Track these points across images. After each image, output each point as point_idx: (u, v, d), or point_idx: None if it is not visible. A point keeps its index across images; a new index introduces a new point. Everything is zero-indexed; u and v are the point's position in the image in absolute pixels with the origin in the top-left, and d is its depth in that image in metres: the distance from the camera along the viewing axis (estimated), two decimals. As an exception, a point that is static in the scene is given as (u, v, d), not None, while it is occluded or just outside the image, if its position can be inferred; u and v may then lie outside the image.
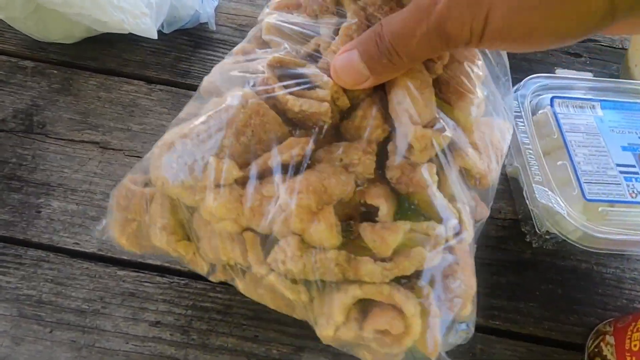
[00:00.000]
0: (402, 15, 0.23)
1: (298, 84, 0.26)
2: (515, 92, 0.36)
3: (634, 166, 0.34)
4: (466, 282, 0.28)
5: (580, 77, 0.38)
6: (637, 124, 0.37)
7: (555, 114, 0.36)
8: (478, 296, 0.37)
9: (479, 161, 0.29)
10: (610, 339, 0.32)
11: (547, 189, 0.31)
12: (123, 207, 0.28)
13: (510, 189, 0.43)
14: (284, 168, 0.25)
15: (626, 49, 0.53)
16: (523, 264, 0.39)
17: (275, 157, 0.25)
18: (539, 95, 0.36)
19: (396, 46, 0.24)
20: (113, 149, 0.41)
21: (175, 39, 0.48)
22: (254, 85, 0.26)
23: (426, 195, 0.27)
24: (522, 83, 0.37)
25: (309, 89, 0.26)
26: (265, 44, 0.30)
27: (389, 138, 0.28)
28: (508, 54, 0.35)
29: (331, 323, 0.27)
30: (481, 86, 0.29)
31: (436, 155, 0.27)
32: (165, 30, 0.47)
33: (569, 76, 0.38)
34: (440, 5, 0.22)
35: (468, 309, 0.28)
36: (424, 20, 0.22)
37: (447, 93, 0.28)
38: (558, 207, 0.30)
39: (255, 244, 0.26)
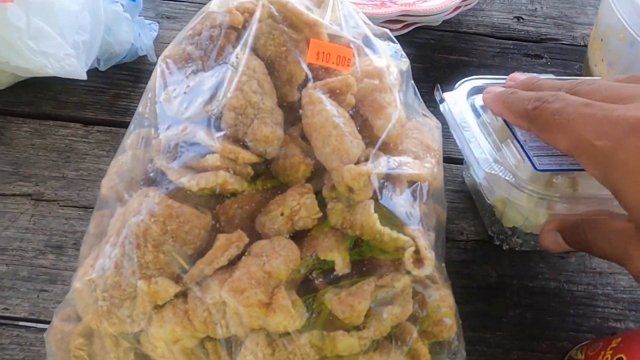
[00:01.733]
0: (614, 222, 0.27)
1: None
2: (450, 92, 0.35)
3: None
4: (447, 304, 0.26)
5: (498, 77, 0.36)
6: None
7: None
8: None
9: (423, 169, 0.27)
10: None
11: (493, 164, 0.30)
12: (62, 349, 0.26)
13: (472, 207, 0.40)
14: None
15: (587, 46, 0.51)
16: (489, 289, 0.37)
17: (211, 266, 0.23)
18: (476, 96, 0.35)
19: (591, 243, 0.27)
20: (47, 200, 0.38)
21: (114, 75, 0.46)
22: (153, 183, 0.24)
23: (374, 234, 0.25)
24: (456, 86, 0.35)
25: (203, 156, 0.24)
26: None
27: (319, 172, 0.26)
28: (458, 62, 0.34)
29: None
30: (395, 93, 0.27)
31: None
32: (102, 67, 0.45)
33: (499, 77, 0.36)
34: None
35: (454, 329, 0.27)
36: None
37: (364, 112, 0.26)
38: (507, 176, 0.29)
39: (219, 352, 0.24)
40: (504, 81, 0.35)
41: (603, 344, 0.30)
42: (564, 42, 0.54)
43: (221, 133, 0.24)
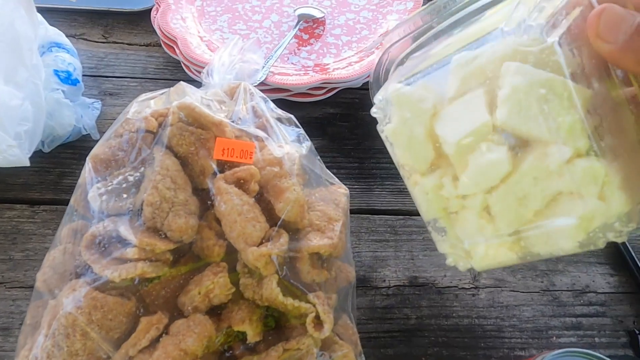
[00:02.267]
0: None
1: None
2: None
3: None
4: (346, 357, 0.30)
5: None
6: None
7: None
8: (367, 373, 0.38)
9: (324, 241, 0.31)
10: None
11: None
12: None
13: (393, 254, 0.45)
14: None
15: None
16: (409, 331, 0.41)
17: (134, 347, 0.27)
18: None
19: None
20: (-6, 284, 0.41)
21: (59, 154, 0.49)
22: (81, 276, 0.28)
23: (279, 305, 0.29)
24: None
25: (124, 249, 0.27)
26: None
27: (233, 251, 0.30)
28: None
29: None
30: (292, 177, 0.31)
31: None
32: (46, 149, 0.48)
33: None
34: None
35: None
36: None
37: (267, 196, 0.31)
38: None
39: None
40: None
41: None
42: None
43: (140, 227, 0.28)
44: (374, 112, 0.29)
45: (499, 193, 0.26)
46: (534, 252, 0.27)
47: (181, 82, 0.34)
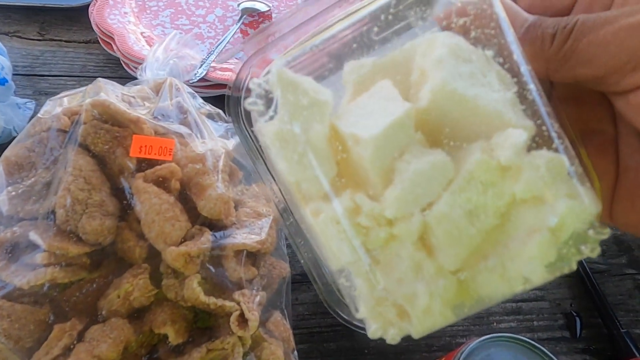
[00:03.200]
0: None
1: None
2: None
3: None
4: (274, 355, 0.30)
5: None
6: None
7: None
8: (309, 368, 0.38)
9: (250, 237, 0.30)
10: None
11: None
12: None
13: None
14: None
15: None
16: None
17: (47, 356, 0.25)
18: None
19: (579, 26, 0.17)
20: None
21: (-12, 157, 0.47)
22: None
23: (201, 304, 0.28)
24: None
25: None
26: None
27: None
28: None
29: None
30: (215, 174, 0.30)
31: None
32: (-27, 153, 0.45)
33: None
34: None
35: None
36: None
37: (190, 193, 0.30)
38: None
39: None
40: None
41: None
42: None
43: (51, 231, 0.27)
44: (250, 103, 0.20)
45: (439, 210, 0.19)
46: (488, 295, 0.21)
47: (99, 79, 0.33)
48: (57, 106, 0.30)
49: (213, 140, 0.32)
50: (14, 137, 0.47)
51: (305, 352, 0.39)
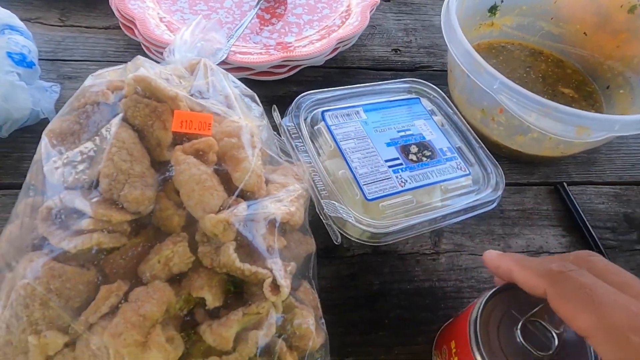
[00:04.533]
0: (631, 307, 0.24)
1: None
2: (288, 114, 0.40)
3: (398, 158, 0.39)
4: (306, 320, 0.31)
5: (341, 87, 0.42)
6: (393, 120, 0.42)
7: (328, 126, 0.39)
8: (334, 338, 0.40)
9: (278, 209, 0.32)
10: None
11: (334, 202, 0.34)
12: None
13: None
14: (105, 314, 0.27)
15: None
16: (373, 296, 0.43)
17: (94, 315, 0.27)
18: (311, 112, 0.40)
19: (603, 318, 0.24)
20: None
21: (17, 138, 0.48)
22: (38, 248, 0.28)
23: (236, 271, 0.29)
24: (292, 105, 0.40)
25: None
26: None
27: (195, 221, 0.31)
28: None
29: None
30: (249, 149, 0.32)
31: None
32: (4, 134, 0.47)
33: (333, 88, 0.42)
34: None
35: (316, 342, 0.31)
36: None
37: (225, 166, 0.31)
38: (346, 216, 0.34)
39: None
40: (338, 93, 0.40)
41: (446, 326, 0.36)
42: (435, 69, 0.62)
43: (95, 198, 0.28)
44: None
45: None
46: None
47: (139, 57, 0.34)
48: (100, 80, 0.32)
49: (248, 118, 0.34)
50: (42, 119, 0.49)
51: (330, 323, 0.40)
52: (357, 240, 0.42)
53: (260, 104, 0.37)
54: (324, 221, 0.35)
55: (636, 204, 0.52)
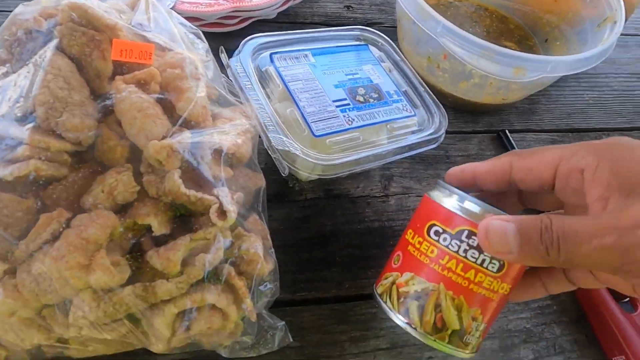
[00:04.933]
0: (585, 220, 0.23)
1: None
2: (236, 55, 0.40)
3: (345, 99, 0.41)
4: (253, 245, 0.31)
5: (290, 32, 0.43)
6: (341, 65, 0.44)
7: (276, 68, 0.40)
8: (286, 275, 0.41)
9: (224, 140, 0.32)
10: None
11: (281, 136, 0.35)
12: None
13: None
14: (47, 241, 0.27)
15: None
16: (325, 236, 0.44)
17: (34, 242, 0.26)
18: (260, 54, 0.41)
19: (562, 242, 0.23)
20: None
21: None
22: None
23: (182, 197, 0.29)
24: (240, 47, 0.41)
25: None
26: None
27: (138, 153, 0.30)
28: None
29: (161, 339, 0.29)
30: (193, 80, 0.32)
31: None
32: None
33: (281, 32, 0.43)
34: None
35: (265, 267, 0.32)
36: (613, 234, 0.22)
37: (168, 97, 0.31)
38: (293, 149, 0.35)
39: (54, 316, 0.28)
40: (287, 37, 0.41)
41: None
42: (386, 25, 0.63)
43: (30, 125, 0.28)
44: None
45: None
46: None
47: (72, -13, 0.33)
48: (30, 8, 0.30)
49: (192, 51, 0.33)
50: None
51: (282, 262, 0.41)
52: (308, 176, 0.43)
53: (206, 41, 0.37)
54: (271, 155, 0.35)
55: (570, 149, 0.56)
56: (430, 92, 0.45)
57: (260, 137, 0.37)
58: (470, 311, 0.29)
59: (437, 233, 0.30)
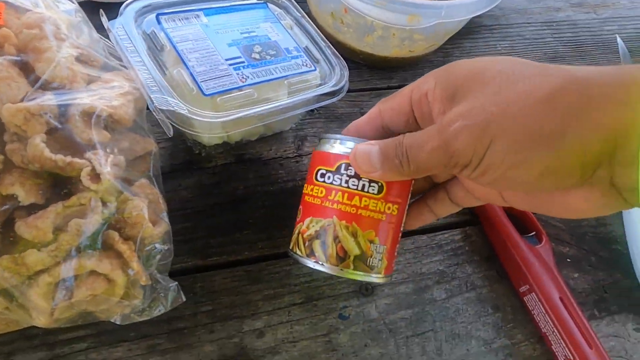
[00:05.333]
0: (424, 131, 0.27)
1: None
2: (119, 17, 0.38)
3: (240, 57, 0.40)
4: (137, 207, 0.30)
5: None
6: (237, 24, 0.43)
7: (164, 30, 0.39)
8: (197, 241, 0.40)
9: (96, 101, 0.30)
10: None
11: (166, 96, 0.34)
12: None
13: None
14: None
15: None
16: (237, 200, 0.43)
17: None
18: (146, 16, 0.39)
19: (409, 153, 0.27)
20: None
21: None
22: None
23: (48, 162, 0.28)
24: (122, 9, 0.39)
25: None
26: None
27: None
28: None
29: (42, 312, 0.28)
30: (56, 41, 0.30)
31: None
32: None
33: None
34: (454, 126, 0.24)
35: (154, 230, 0.31)
36: (436, 136, 0.25)
37: (27, 59, 0.29)
38: (179, 109, 0.34)
39: None
40: None
41: None
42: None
43: None
44: None
45: None
46: None
47: None
48: None
49: (53, 11, 0.31)
50: None
51: (191, 229, 0.41)
52: (209, 139, 0.42)
53: (75, 2, 0.35)
54: (156, 116, 0.34)
55: (483, 97, 0.57)
56: (332, 47, 0.44)
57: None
58: (365, 234, 0.31)
59: (322, 175, 0.33)
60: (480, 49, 0.63)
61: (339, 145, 0.32)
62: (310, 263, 0.32)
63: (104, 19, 0.38)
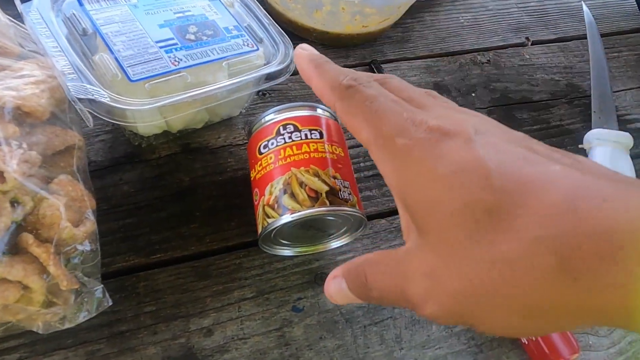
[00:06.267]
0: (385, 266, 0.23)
1: None
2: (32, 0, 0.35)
3: (172, 39, 0.37)
4: (52, 207, 0.28)
5: None
6: (170, 3, 0.39)
7: (86, 12, 0.36)
8: (139, 238, 0.38)
9: (3, 93, 0.28)
10: None
11: (85, 84, 0.31)
12: None
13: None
14: None
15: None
16: (183, 192, 0.41)
17: None
18: (66, 1, 0.36)
19: (370, 285, 0.24)
20: None
21: None
22: None
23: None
24: None
25: None
26: None
27: None
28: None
29: None
30: None
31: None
32: None
33: None
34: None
35: (71, 229, 0.28)
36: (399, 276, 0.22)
37: None
38: (99, 96, 0.31)
39: None
40: None
41: None
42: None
43: None
44: None
45: None
46: None
47: None
48: None
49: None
50: None
51: (135, 225, 0.39)
52: (144, 128, 0.39)
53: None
54: (75, 106, 0.31)
55: (445, 72, 0.55)
56: (276, 25, 0.41)
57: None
58: (327, 172, 0.33)
59: (265, 146, 0.35)
60: (442, 22, 0.60)
61: (269, 116, 0.34)
62: (286, 218, 0.32)
63: (17, 2, 0.35)
